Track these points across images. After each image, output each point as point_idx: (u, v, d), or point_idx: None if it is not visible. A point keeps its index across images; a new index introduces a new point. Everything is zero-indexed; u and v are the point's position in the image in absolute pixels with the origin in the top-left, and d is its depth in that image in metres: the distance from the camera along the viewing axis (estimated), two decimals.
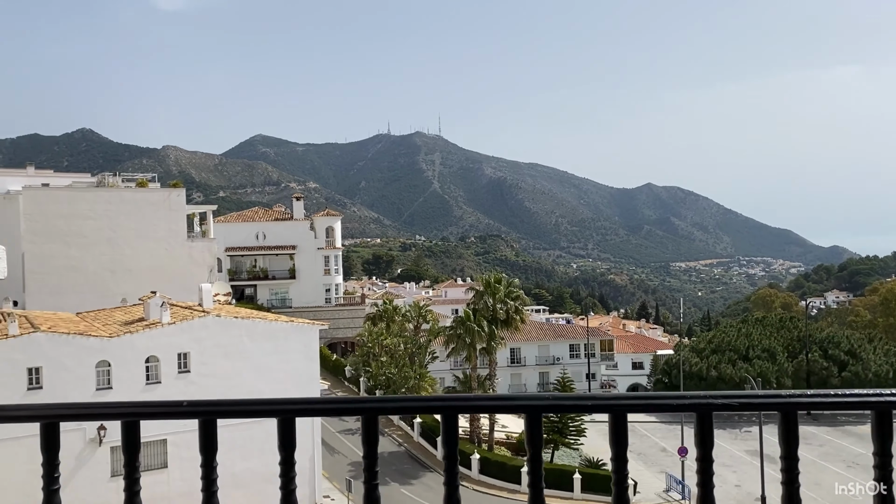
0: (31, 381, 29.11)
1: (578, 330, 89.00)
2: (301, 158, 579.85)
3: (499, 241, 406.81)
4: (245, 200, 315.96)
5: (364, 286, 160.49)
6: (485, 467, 45.43)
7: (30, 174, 61.33)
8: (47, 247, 49.09)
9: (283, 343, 35.48)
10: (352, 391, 64.18)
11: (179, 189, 55.77)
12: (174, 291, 45.22)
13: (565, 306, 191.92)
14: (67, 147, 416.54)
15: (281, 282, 79.94)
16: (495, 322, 49.43)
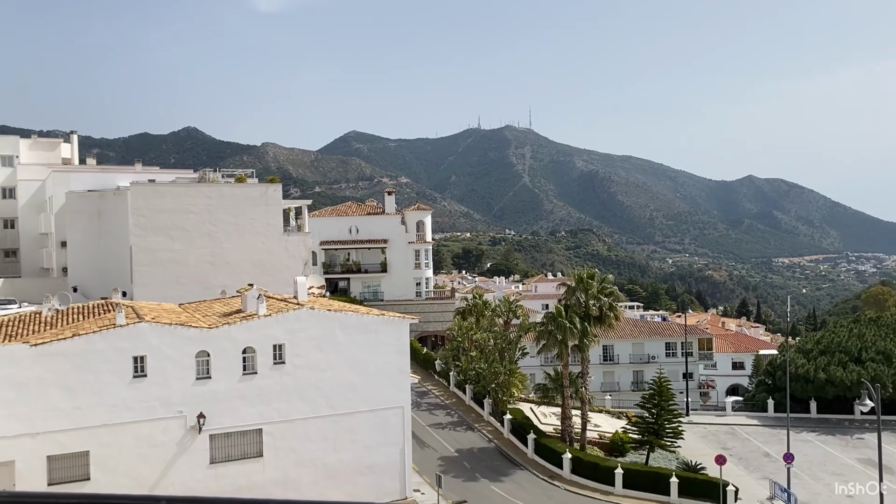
0: (136, 370, 30.29)
1: (675, 327, 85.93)
2: (393, 154, 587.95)
3: (590, 235, 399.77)
4: (339, 195, 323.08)
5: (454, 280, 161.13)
6: (577, 467, 44.35)
7: (137, 171, 64.33)
8: (153, 240, 51.30)
9: (375, 336, 35.60)
10: (442, 385, 64.24)
11: (276, 184, 57.11)
12: (270, 284, 46.36)
13: (660, 303, 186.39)
14: (174, 145, 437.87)
15: (373, 275, 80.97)
16: (588, 319, 48.06)
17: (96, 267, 54.71)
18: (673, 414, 47.64)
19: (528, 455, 47.48)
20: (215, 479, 31.73)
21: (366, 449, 35.15)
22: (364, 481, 35.17)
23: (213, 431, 31.74)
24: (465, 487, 41.04)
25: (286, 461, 33.22)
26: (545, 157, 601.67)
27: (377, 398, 35.47)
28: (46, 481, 28.65)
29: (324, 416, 34.28)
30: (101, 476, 29.46)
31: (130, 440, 30.15)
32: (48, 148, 73.60)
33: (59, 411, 28.86)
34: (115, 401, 29.81)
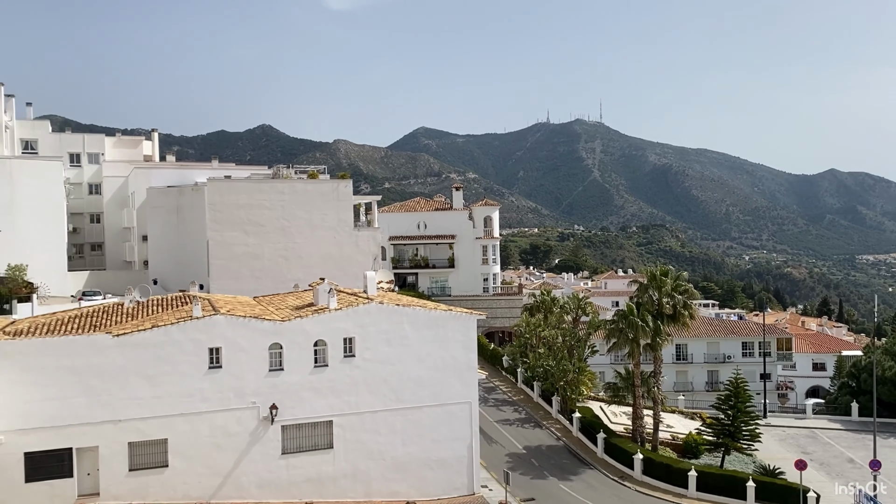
0: (211, 361, 31.12)
1: (752, 326, 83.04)
2: (461, 149, 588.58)
3: (663, 231, 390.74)
4: (408, 191, 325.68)
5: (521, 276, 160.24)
6: (648, 468, 43.32)
7: (214, 167, 66.27)
8: (228, 234, 52.75)
9: (443, 331, 35.61)
10: (509, 381, 63.86)
11: (347, 180, 57.88)
12: (341, 278, 46.96)
13: (736, 301, 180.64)
14: (249, 142, 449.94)
15: (441, 270, 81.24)
16: (661, 317, 46.79)
17: (175, 260, 56.67)
18: (750, 416, 46.01)
19: (597, 454, 46.69)
20: (287, 469, 32.34)
21: (433, 443, 35.21)
22: (432, 475, 35.24)
23: (285, 422, 32.35)
24: (532, 485, 40.67)
25: (356, 453, 33.58)
26: (616, 151, 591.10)
27: (445, 393, 35.48)
28: (127, 467, 29.78)
29: (392, 410, 34.49)
30: (178, 463, 30.43)
31: (206, 429, 31.03)
32: (131, 145, 76.65)
33: (140, 399, 29.93)
34: (191, 391, 30.72)
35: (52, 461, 28.67)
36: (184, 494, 30.36)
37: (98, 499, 29.14)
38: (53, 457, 28.69)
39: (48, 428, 28.53)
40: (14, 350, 28.28)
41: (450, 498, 35.29)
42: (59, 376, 28.72)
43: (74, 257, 65.36)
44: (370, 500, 33.63)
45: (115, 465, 29.57)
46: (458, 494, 35.72)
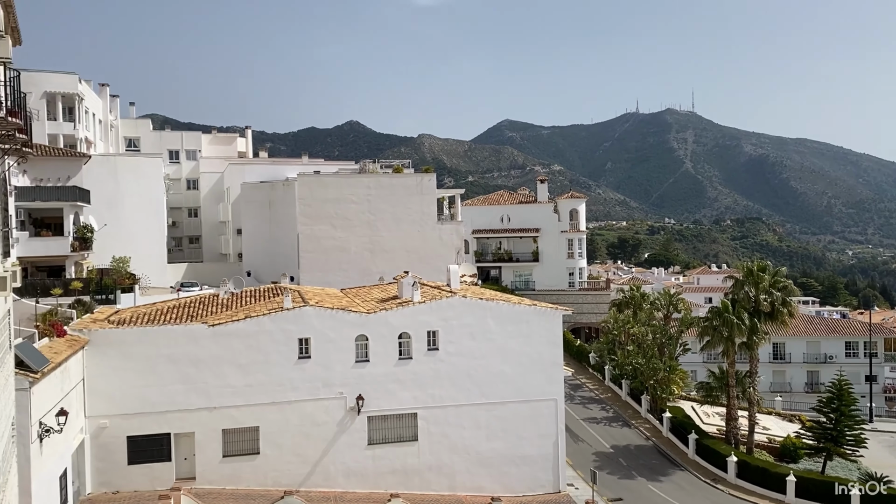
0: (301, 351, 31.81)
1: (856, 325, 78.46)
2: (546, 142, 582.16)
3: (759, 224, 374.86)
4: (491, 184, 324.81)
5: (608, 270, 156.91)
6: (743, 471, 41.57)
7: (304, 163, 67.99)
8: (317, 228, 53.91)
9: (527, 326, 35.14)
10: (596, 378, 62.70)
11: (430, 174, 58.12)
12: (425, 271, 47.17)
13: (838, 298, 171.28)
14: (338, 138, 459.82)
15: (524, 264, 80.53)
16: (758, 315, 44.72)
17: (267, 253, 58.43)
18: (854, 420, 43.49)
19: (688, 455, 45.18)
20: (373, 460, 32.72)
21: (518, 439, 34.84)
22: (517, 472, 34.89)
23: (371, 413, 32.72)
24: (620, 485, 39.74)
25: (440, 446, 33.62)
26: (709, 142, 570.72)
27: (529, 389, 35.03)
28: (221, 453, 30.83)
29: (476, 404, 34.33)
30: (269, 451, 31.27)
31: (295, 418, 31.75)
32: (226, 142, 79.57)
33: (233, 388, 30.91)
34: (281, 380, 31.49)
35: (152, 445, 29.99)
36: (274, 481, 31.18)
37: (194, 483, 30.28)
38: (153, 441, 30.00)
39: (148, 413, 29.85)
40: (118, 338, 29.70)
41: (535, 495, 34.86)
42: (158, 364, 30.00)
43: (173, 250, 68.41)
44: (454, 493, 33.61)
45: (209, 451, 30.67)
46: (544, 492, 35.24)
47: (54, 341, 26.50)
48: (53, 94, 55.53)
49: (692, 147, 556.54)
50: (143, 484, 29.42)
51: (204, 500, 28.50)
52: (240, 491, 30.45)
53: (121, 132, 72.69)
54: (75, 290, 39.05)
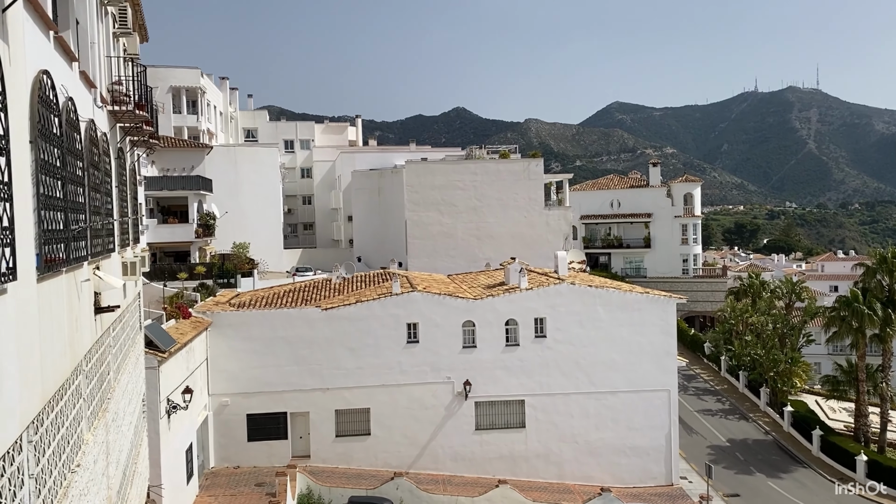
0: (409, 335, 32.29)
1: None
2: (658, 123, 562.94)
3: (891, 207, 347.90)
4: (600, 168, 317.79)
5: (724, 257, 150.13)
6: (873, 471, 38.80)
7: (412, 150, 68.81)
8: (425, 214, 54.45)
9: (638, 315, 34.12)
10: (711, 369, 60.29)
11: (537, 159, 57.37)
12: (531, 258, 46.73)
13: None
14: (444, 125, 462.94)
15: (635, 250, 78.34)
16: (892, 305, 41.49)
17: (377, 239, 59.65)
18: None
19: (811, 452, 42.68)
20: (480, 445, 32.84)
21: (629, 430, 34.00)
22: (627, 462, 34.11)
23: (478, 399, 32.82)
24: (737, 480, 38.06)
25: (547, 434, 33.31)
26: (835, 120, 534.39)
27: (641, 379, 34.07)
28: (334, 433, 31.82)
29: (585, 393, 33.75)
30: (379, 432, 32.00)
31: (404, 401, 32.30)
32: (337, 131, 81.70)
33: (345, 370, 31.78)
34: (391, 363, 32.10)
35: (270, 423, 31.34)
36: (384, 462, 31.89)
37: (309, 461, 31.43)
38: (271, 419, 31.35)
39: (266, 393, 31.20)
40: (238, 321, 31.14)
41: (646, 487, 33.95)
42: (275, 345, 31.25)
43: (289, 236, 71.14)
44: (563, 482, 33.24)
45: (323, 431, 31.72)
46: (656, 484, 34.25)
47: (180, 323, 28.07)
48: (178, 88, 58.72)
49: (816, 126, 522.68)
50: (262, 460, 30.82)
51: (318, 477, 29.52)
52: (351, 470, 31.35)
53: (240, 123, 76.09)
54: (199, 275, 41.31)
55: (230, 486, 27.91)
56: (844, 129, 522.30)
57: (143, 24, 17.91)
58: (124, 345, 15.38)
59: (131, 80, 15.09)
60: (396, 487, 28.96)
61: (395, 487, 28.96)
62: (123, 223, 16.19)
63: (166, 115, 55.80)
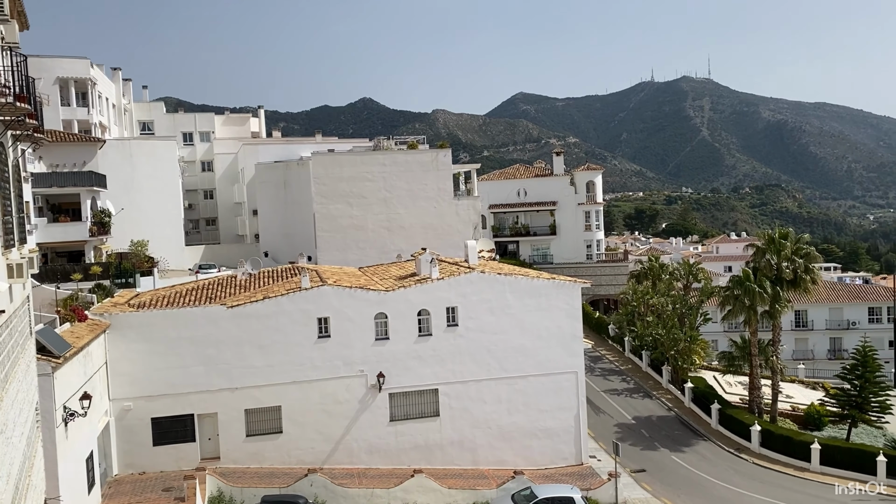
0: (320, 330, 31.88)
1: (879, 290, 77.52)
2: (561, 114, 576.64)
3: (778, 191, 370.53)
4: (507, 158, 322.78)
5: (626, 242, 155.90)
6: (767, 440, 41.31)
7: (318, 141, 67.72)
8: (333, 207, 53.82)
9: (546, 300, 35.00)
10: (616, 350, 62.47)
11: (446, 149, 57.67)
12: (442, 248, 47.03)
13: (860, 264, 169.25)
14: (351, 116, 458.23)
15: (542, 238, 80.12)
16: (780, 283, 44.15)
17: (284, 233, 58.47)
18: (880, 386, 43.01)
19: (711, 426, 44.98)
20: (395, 436, 32.87)
21: (539, 413, 34.86)
22: (539, 445, 34.96)
23: (392, 390, 32.83)
24: (643, 456, 39.66)
25: (461, 422, 33.71)
26: (726, 109, 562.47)
27: (550, 362, 34.98)
28: (245, 432, 31.09)
29: (497, 379, 34.34)
30: (291, 429, 31.49)
31: (317, 397, 31.92)
32: (239, 123, 79.40)
33: (254, 368, 31.07)
34: (302, 359, 31.62)
35: (177, 426, 30.29)
36: (297, 459, 31.44)
37: (219, 462, 30.59)
38: (177, 422, 30.30)
39: (171, 395, 30.12)
40: (139, 322, 29.87)
41: (557, 467, 34.92)
42: (179, 346, 30.19)
43: (191, 232, 68.74)
44: (477, 467, 33.74)
45: (233, 431, 30.94)
46: (566, 464, 35.29)
47: (76, 326, 26.67)
48: (66, 80, 55.57)
49: (709, 115, 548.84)
50: (169, 464, 29.78)
51: (229, 479, 28.80)
52: (264, 469, 30.75)
53: (134, 116, 72.80)
54: (95, 275, 39.37)
55: (135, 492, 26.83)
56: (734, 117, 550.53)
57: (23, 11, 16.82)
58: (12, 352, 14.46)
59: (10, 71, 14.15)
60: (311, 484, 28.63)
61: (309, 484, 28.62)
62: (7, 222, 15.19)
63: (53, 108, 52.72)
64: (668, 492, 34.75)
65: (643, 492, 34.38)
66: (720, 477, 37.25)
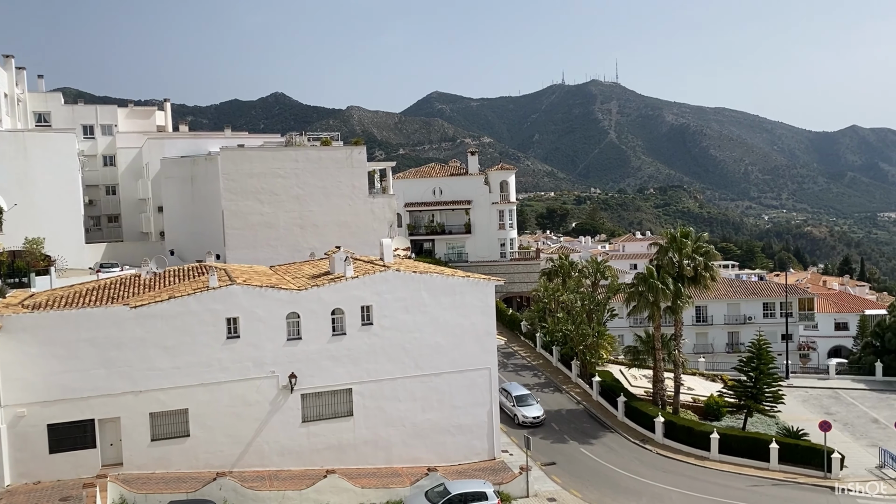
0: (229, 331, 31.06)
1: (773, 287, 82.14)
2: (475, 114, 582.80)
3: (681, 192, 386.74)
4: (423, 157, 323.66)
5: (538, 240, 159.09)
6: (670, 431, 43.09)
7: (227, 136, 65.82)
8: (243, 203, 52.50)
9: (460, 298, 35.35)
10: (528, 346, 63.69)
11: (360, 146, 57.21)
12: (357, 246, 46.70)
13: (756, 261, 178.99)
14: (263, 111, 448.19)
15: (457, 236, 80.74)
16: (682, 279, 46.12)
17: (191, 231, 56.57)
18: (773, 377, 45.48)
19: (617, 418, 46.54)
20: (307, 437, 32.42)
21: (453, 409, 35.17)
22: (452, 441, 35.26)
23: (305, 391, 32.37)
24: (553, 449, 40.63)
25: (375, 420, 33.60)
26: (632, 112, 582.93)
27: (464, 359, 35.33)
28: (149, 437, 29.94)
29: (411, 377, 34.42)
30: (199, 433, 30.56)
31: (226, 399, 31.10)
32: (143, 116, 76.24)
33: (159, 370, 29.97)
34: (210, 361, 30.72)
35: (75, 432, 28.88)
36: (205, 463, 30.55)
37: (121, 468, 29.37)
38: (76, 428, 28.89)
39: (70, 400, 28.67)
40: (33, 323, 28.30)
41: (470, 463, 35.34)
42: (78, 349, 28.77)
43: (92, 229, 65.50)
44: (391, 466, 33.72)
45: (137, 436, 29.75)
46: (479, 459, 35.76)
47: None
48: None
49: (616, 118, 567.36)
50: (67, 472, 28.38)
51: (132, 485, 27.69)
52: (170, 474, 29.74)
53: (29, 107, 68.65)
54: None
55: (30, 503, 25.41)
56: (640, 121, 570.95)
57: None
58: None
59: None
60: (219, 488, 27.88)
61: (217, 488, 27.86)
62: None
63: None
64: (576, 483, 35.74)
65: (553, 484, 35.23)
66: (626, 467, 38.60)
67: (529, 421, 43.57)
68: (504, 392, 44.91)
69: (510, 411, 44.45)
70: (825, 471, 38.60)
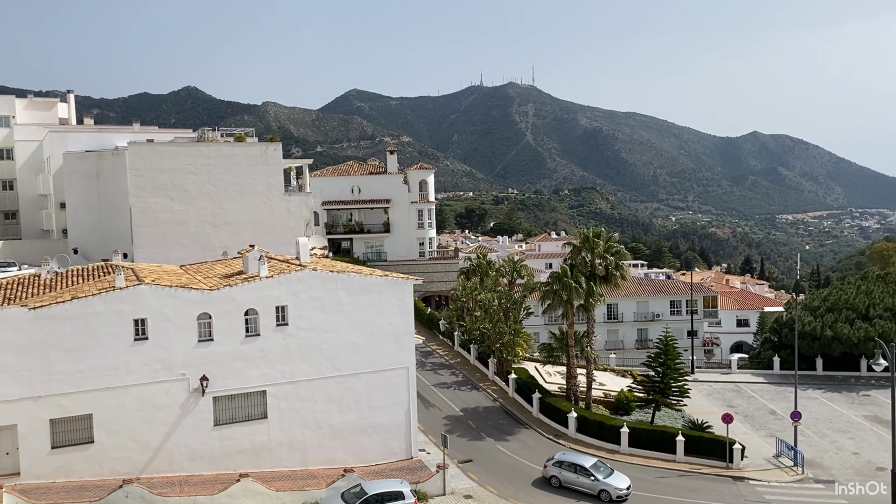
0: (137, 333, 29.93)
1: (679, 285, 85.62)
2: (394, 112, 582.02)
3: (594, 193, 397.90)
4: (341, 155, 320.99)
5: (457, 240, 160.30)
6: (582, 426, 44.26)
7: (136, 130, 63.29)
8: (152, 200, 50.57)
9: (378, 297, 35.24)
10: (446, 345, 64.08)
11: (276, 143, 56.08)
12: (272, 245, 45.81)
13: (664, 261, 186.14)
14: (174, 105, 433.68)
15: (376, 235, 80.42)
16: (594, 278, 47.47)
17: (96, 228, 54.12)
18: (679, 372, 47.39)
19: (532, 414, 47.43)
20: (220, 441, 31.60)
21: (371, 409, 35.03)
22: (369, 441, 35.12)
23: (217, 394, 31.54)
24: (470, 446, 41.04)
25: (291, 422, 33.08)
26: (548, 115, 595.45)
27: (382, 359, 35.25)
28: (50, 444, 28.51)
29: (328, 378, 34.07)
30: (104, 439, 29.32)
31: (133, 403, 29.95)
32: (45, 108, 72.40)
33: (61, 374, 28.58)
34: (116, 364, 29.52)
35: None
36: (111, 470, 29.35)
37: (18, 478, 27.85)
38: None
39: None
40: None
41: (388, 463, 35.29)
42: None
43: None
44: (307, 468, 33.29)
45: (35, 444, 28.29)
46: (397, 459, 35.76)
47: None
48: None
49: (533, 120, 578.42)
50: None
51: (30, 496, 26.31)
52: (72, 483, 28.43)
53: None
54: None
55: None
56: (556, 123, 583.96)
57: None
58: None
59: None
60: (126, 495, 26.85)
61: (124, 496, 26.82)
62: None
63: None
64: (493, 480, 36.23)
65: (470, 481, 35.60)
66: (541, 463, 39.37)
67: (624, 493, 35.15)
68: (563, 465, 36.36)
69: (590, 488, 35.29)
70: (727, 461, 40.51)
